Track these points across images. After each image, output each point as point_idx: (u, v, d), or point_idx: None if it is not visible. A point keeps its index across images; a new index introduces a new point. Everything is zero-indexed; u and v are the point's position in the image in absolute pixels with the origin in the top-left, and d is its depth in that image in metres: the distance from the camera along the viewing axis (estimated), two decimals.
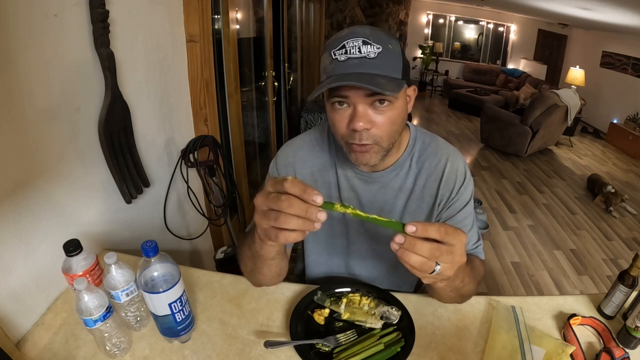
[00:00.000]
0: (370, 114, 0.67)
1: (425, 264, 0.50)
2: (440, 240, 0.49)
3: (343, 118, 0.69)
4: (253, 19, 2.52)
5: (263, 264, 0.73)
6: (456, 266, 0.53)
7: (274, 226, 0.51)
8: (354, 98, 0.65)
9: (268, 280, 0.82)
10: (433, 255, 0.49)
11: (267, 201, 0.52)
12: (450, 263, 0.51)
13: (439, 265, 0.50)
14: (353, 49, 0.63)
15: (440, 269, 0.51)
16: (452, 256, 0.50)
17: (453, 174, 0.82)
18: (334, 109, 0.69)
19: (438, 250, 0.49)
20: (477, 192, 3.56)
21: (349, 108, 0.68)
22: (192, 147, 1.37)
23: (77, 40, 0.84)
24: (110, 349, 0.67)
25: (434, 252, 0.49)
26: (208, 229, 1.65)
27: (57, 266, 0.72)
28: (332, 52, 0.65)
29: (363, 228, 0.87)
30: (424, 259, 0.49)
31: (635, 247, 2.88)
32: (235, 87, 2.02)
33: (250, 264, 0.76)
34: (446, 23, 8.18)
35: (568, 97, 4.40)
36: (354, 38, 0.63)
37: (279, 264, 0.76)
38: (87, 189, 0.92)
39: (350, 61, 0.63)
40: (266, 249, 0.64)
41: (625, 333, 0.73)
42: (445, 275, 0.52)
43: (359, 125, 0.66)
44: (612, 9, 3.59)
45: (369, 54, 0.63)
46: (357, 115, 0.66)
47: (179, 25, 1.33)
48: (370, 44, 0.63)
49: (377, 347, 0.69)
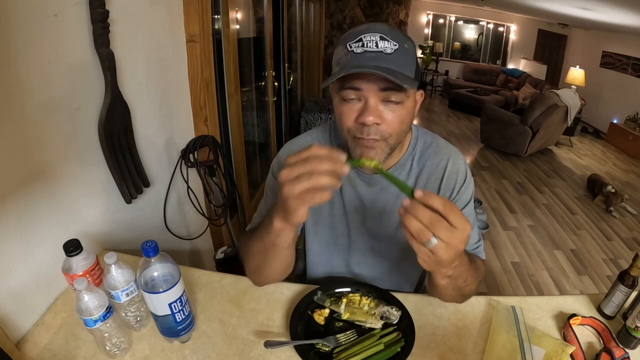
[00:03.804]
0: (381, 109, 0.66)
1: (422, 231, 0.51)
2: (443, 214, 0.51)
3: (352, 111, 0.68)
4: (253, 19, 2.52)
5: (276, 255, 0.72)
6: (452, 251, 0.53)
7: (308, 188, 0.53)
8: (367, 91, 0.65)
9: (276, 274, 0.80)
10: (432, 224, 0.50)
11: (294, 169, 0.54)
12: (446, 242, 0.51)
13: (435, 238, 0.51)
14: (370, 42, 0.63)
15: (435, 242, 0.51)
16: (449, 234, 0.51)
17: (454, 174, 0.82)
18: (344, 102, 0.68)
19: (437, 222, 0.51)
20: (477, 192, 3.55)
21: (359, 102, 0.67)
22: (192, 147, 1.37)
23: (77, 40, 0.84)
24: (110, 349, 0.67)
25: (433, 222, 0.51)
26: (208, 229, 1.65)
27: (57, 266, 0.72)
28: (348, 44, 0.64)
29: (364, 228, 0.87)
30: (422, 227, 0.51)
31: (635, 247, 2.88)
32: (235, 87, 2.02)
33: (260, 259, 0.75)
34: (446, 23, 8.18)
35: (568, 97, 4.40)
36: (372, 33, 0.63)
37: (290, 254, 0.75)
38: (87, 189, 0.92)
39: (367, 54, 0.63)
40: (284, 236, 0.65)
41: (625, 333, 0.73)
42: (440, 255, 0.52)
43: (369, 120, 0.65)
44: (612, 9, 3.59)
45: (385, 49, 0.63)
46: (368, 109, 0.65)
47: (179, 25, 1.33)
48: (387, 40, 0.63)
49: (377, 347, 0.69)
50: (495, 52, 8.12)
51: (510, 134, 4.42)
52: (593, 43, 6.06)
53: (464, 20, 8.11)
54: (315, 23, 4.47)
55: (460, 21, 8.15)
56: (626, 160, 4.84)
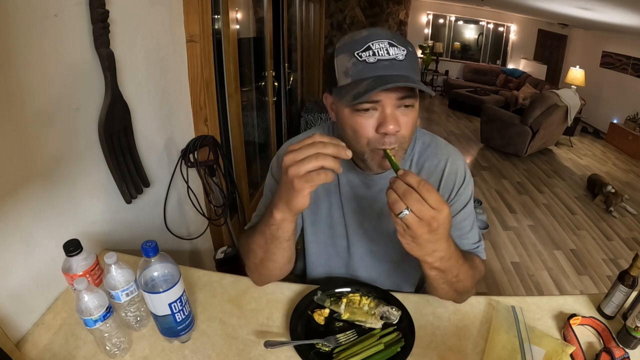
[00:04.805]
0: (398, 115, 0.66)
1: (396, 202, 0.56)
2: (416, 190, 0.55)
3: (370, 123, 0.66)
4: (253, 19, 2.52)
5: (277, 247, 0.71)
6: (425, 228, 0.56)
7: (313, 168, 0.56)
8: (385, 101, 0.64)
9: (279, 269, 0.79)
10: (404, 195, 0.55)
11: (301, 152, 0.57)
12: (418, 216, 0.55)
13: (407, 210, 0.55)
14: (381, 50, 0.62)
15: (407, 213, 0.55)
16: (420, 206, 0.55)
17: (453, 174, 0.82)
18: (358, 114, 0.66)
19: (409, 193, 0.55)
20: (477, 192, 3.56)
21: (375, 112, 0.66)
22: (192, 147, 1.37)
23: (77, 40, 0.84)
24: (110, 349, 0.67)
25: (405, 194, 0.55)
26: (208, 229, 1.65)
27: (57, 266, 0.72)
28: (356, 53, 0.63)
29: (363, 229, 0.87)
30: (397, 197, 0.56)
31: (635, 247, 2.88)
32: (235, 87, 2.02)
33: (261, 253, 0.75)
34: (446, 23, 8.18)
35: (568, 97, 4.40)
36: (378, 40, 0.63)
37: (291, 246, 0.74)
38: (87, 189, 0.92)
39: (380, 63, 0.62)
40: (285, 227, 0.66)
41: (625, 333, 0.73)
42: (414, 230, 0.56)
43: (391, 129, 0.64)
44: (612, 9, 3.59)
45: (397, 55, 0.63)
46: (388, 118, 0.64)
47: (179, 25, 1.33)
48: (396, 46, 0.63)
49: (377, 347, 0.69)
50: (495, 52, 8.12)
51: (510, 134, 4.42)
52: (593, 43, 6.06)
53: (464, 20, 8.12)
54: (315, 23, 4.47)
55: (460, 21, 8.15)
56: (626, 160, 4.84)
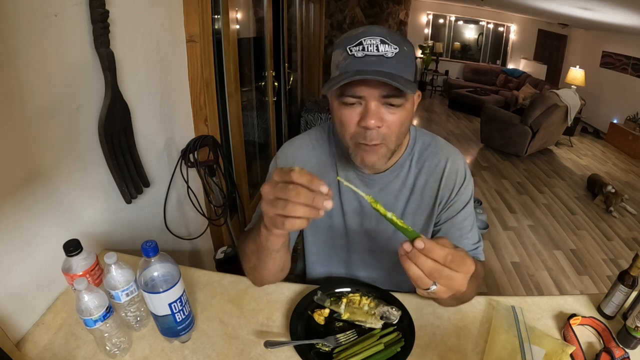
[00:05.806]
0: (382, 112, 0.66)
1: (422, 279, 0.50)
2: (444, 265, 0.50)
3: (353, 116, 0.68)
4: (253, 19, 2.52)
5: (268, 257, 0.72)
6: (452, 292, 0.53)
7: (281, 214, 0.52)
8: (368, 97, 0.65)
9: (272, 276, 0.80)
10: (432, 274, 0.50)
11: (275, 190, 0.53)
12: (447, 287, 0.51)
13: (435, 285, 0.51)
14: (371, 46, 0.63)
15: (435, 289, 0.51)
16: (450, 282, 0.50)
17: (453, 174, 0.82)
18: (344, 107, 0.68)
19: (438, 272, 0.49)
20: (477, 192, 3.56)
21: (359, 106, 0.67)
22: (192, 147, 1.37)
23: (77, 40, 0.84)
24: (110, 349, 0.67)
25: (433, 272, 0.49)
26: (208, 229, 1.65)
27: (57, 266, 0.71)
28: (348, 47, 0.64)
29: (362, 229, 0.87)
30: (422, 275, 0.50)
31: (635, 247, 2.88)
32: (235, 87, 2.02)
33: (254, 259, 0.75)
34: (446, 23, 8.18)
35: (568, 97, 4.40)
36: (371, 36, 0.63)
37: (282, 257, 0.74)
38: (87, 189, 0.92)
39: (368, 58, 0.63)
40: (272, 240, 0.64)
41: (625, 333, 0.73)
42: (439, 296, 0.52)
43: (371, 123, 0.65)
44: (612, 9, 3.59)
45: (386, 53, 0.63)
46: (369, 113, 0.65)
47: (179, 25, 1.33)
48: (387, 43, 0.63)
49: (377, 347, 0.69)
50: (495, 52, 8.12)
51: (510, 134, 4.42)
52: (593, 43, 6.06)
53: (464, 20, 8.11)
54: (315, 23, 4.47)
55: (460, 21, 8.15)
56: (626, 160, 4.84)
